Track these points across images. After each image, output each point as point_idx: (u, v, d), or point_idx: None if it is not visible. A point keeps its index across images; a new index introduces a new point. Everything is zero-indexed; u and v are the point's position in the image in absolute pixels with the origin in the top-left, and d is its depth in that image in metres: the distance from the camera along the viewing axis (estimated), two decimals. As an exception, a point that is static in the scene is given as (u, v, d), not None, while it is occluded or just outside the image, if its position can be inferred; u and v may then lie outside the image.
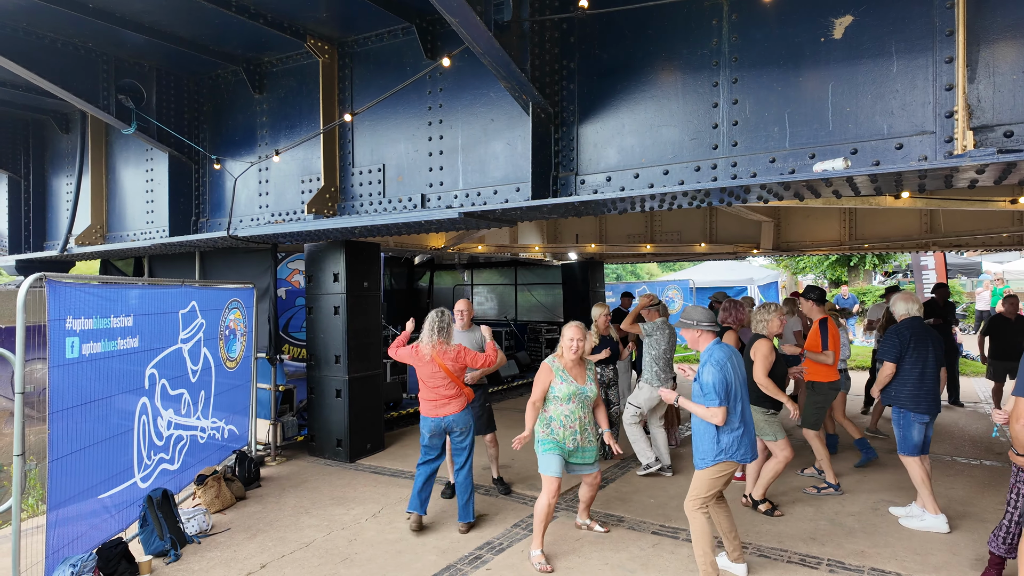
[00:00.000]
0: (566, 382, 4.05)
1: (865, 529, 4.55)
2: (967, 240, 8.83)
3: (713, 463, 3.56)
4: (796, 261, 20.99)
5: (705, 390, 3.51)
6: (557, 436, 4.06)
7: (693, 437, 3.71)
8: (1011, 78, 3.06)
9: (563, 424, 4.06)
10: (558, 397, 4.04)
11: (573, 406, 4.06)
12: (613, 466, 6.06)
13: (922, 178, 3.20)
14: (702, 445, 3.61)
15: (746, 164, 3.78)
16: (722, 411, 3.46)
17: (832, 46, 3.51)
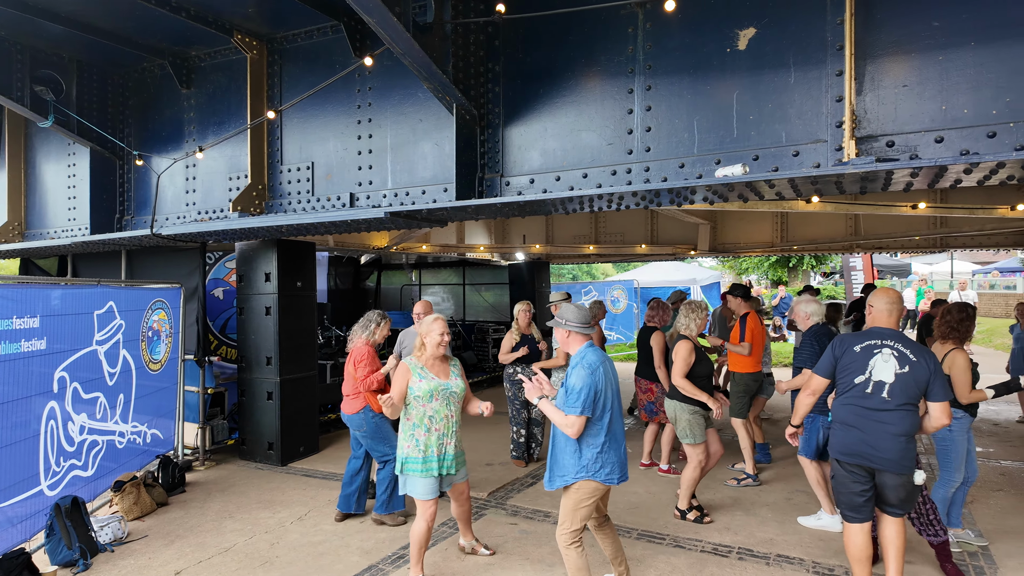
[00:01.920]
0: (425, 379, 3.62)
1: (778, 519, 4.77)
2: (887, 242, 9.31)
3: (573, 480, 3.17)
4: (740, 262, 21.68)
5: (569, 395, 3.14)
6: (422, 447, 3.60)
7: (551, 451, 3.31)
8: (893, 91, 3.27)
9: (427, 428, 3.61)
10: (419, 397, 3.59)
11: (437, 404, 3.62)
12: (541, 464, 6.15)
13: (814, 184, 3.39)
14: (562, 459, 3.21)
15: (658, 169, 3.91)
16: (580, 421, 3.08)
17: (737, 56, 3.67)
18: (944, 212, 6.97)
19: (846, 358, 3.33)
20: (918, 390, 3.16)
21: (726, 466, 6.00)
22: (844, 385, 3.32)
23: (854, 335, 3.38)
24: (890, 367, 3.19)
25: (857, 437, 3.24)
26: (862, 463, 3.23)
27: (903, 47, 3.25)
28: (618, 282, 15.31)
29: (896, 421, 3.16)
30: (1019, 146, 2.97)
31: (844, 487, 3.32)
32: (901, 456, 3.15)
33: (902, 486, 3.21)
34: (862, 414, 3.23)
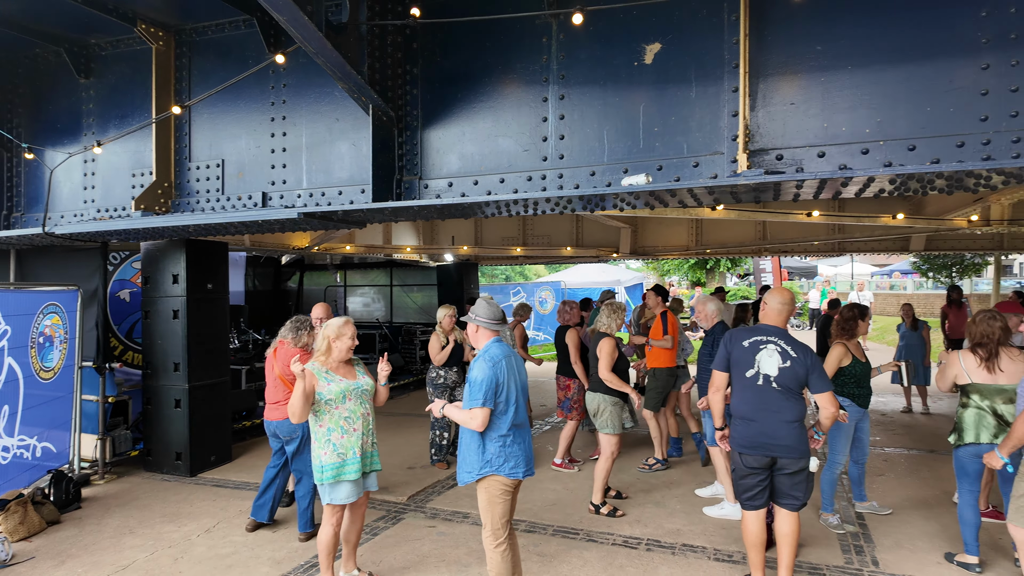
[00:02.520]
0: (333, 381, 3.55)
1: (686, 510, 5.01)
2: (791, 246, 9.98)
3: (478, 476, 3.19)
4: (662, 264, 22.52)
5: (471, 388, 3.16)
6: (341, 450, 3.51)
7: (459, 447, 3.33)
8: (782, 108, 3.52)
9: (344, 430, 3.53)
10: (331, 400, 3.52)
11: (352, 404, 3.57)
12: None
13: (712, 193, 3.60)
14: (467, 456, 3.24)
15: (571, 176, 4.03)
16: (483, 413, 3.10)
17: (644, 70, 3.84)
18: (836, 219, 7.54)
19: (736, 353, 3.57)
20: (798, 383, 3.43)
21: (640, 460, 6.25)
22: (737, 379, 3.56)
23: (742, 331, 3.63)
24: (774, 362, 3.45)
25: (756, 429, 3.47)
26: (763, 453, 3.46)
27: (791, 67, 3.51)
28: (546, 283, 15.57)
29: (787, 409, 3.42)
30: (887, 163, 3.28)
31: (743, 477, 3.55)
32: (796, 441, 3.41)
33: (798, 472, 3.46)
34: (758, 406, 3.47)
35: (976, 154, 3.11)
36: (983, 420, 3.84)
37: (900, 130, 3.27)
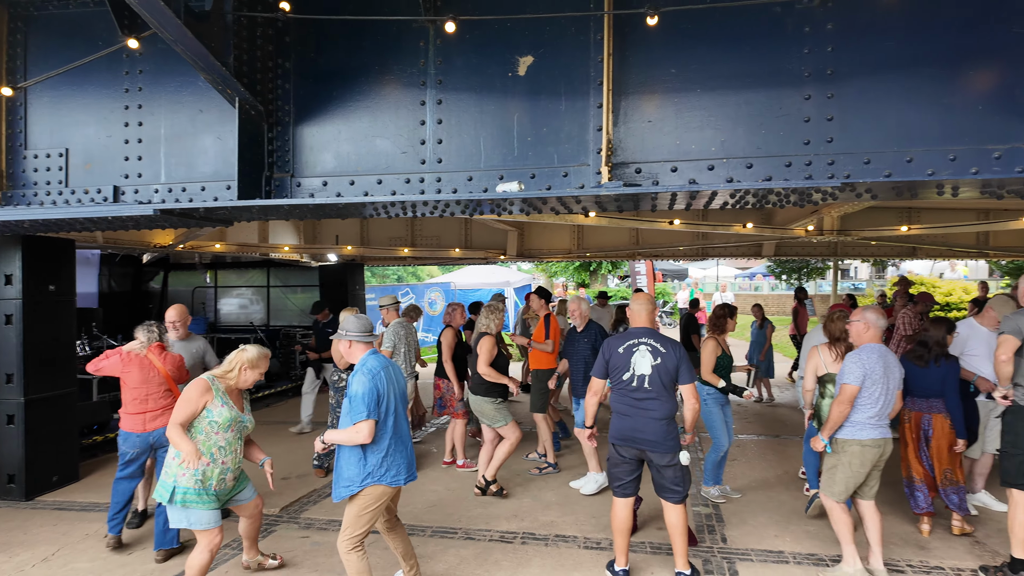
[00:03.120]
0: (227, 406, 3.44)
1: (560, 501, 5.25)
2: (661, 251, 10.71)
3: (360, 488, 3.18)
4: (550, 266, 23.24)
5: (352, 403, 3.15)
6: (202, 477, 3.34)
7: (336, 463, 3.30)
8: (640, 125, 3.80)
9: (214, 458, 3.40)
10: (216, 423, 3.41)
11: (231, 435, 3.47)
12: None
13: (579, 202, 3.82)
14: (347, 470, 3.21)
15: (449, 180, 4.09)
16: (368, 425, 3.11)
17: (517, 81, 3.98)
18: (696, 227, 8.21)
19: (614, 359, 3.85)
20: (670, 377, 3.75)
21: (520, 456, 6.44)
22: (616, 382, 3.85)
23: (617, 338, 3.92)
24: (647, 361, 3.75)
25: (629, 424, 3.77)
26: (633, 446, 3.76)
27: (649, 87, 3.80)
28: (435, 284, 15.53)
29: (656, 407, 3.72)
30: (729, 178, 3.65)
31: (616, 467, 3.85)
32: (663, 437, 3.70)
33: (669, 466, 3.74)
34: (632, 404, 3.77)
35: (800, 173, 3.54)
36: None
37: (740, 149, 3.64)
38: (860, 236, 8.24)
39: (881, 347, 3.84)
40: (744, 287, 29.93)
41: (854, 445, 3.79)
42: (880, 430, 3.78)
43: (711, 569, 4.04)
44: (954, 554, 4.22)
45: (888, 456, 3.87)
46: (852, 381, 3.74)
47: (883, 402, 3.76)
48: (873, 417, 3.76)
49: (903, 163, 3.41)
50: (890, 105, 3.44)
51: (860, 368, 3.73)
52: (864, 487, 3.92)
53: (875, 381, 3.71)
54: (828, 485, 3.91)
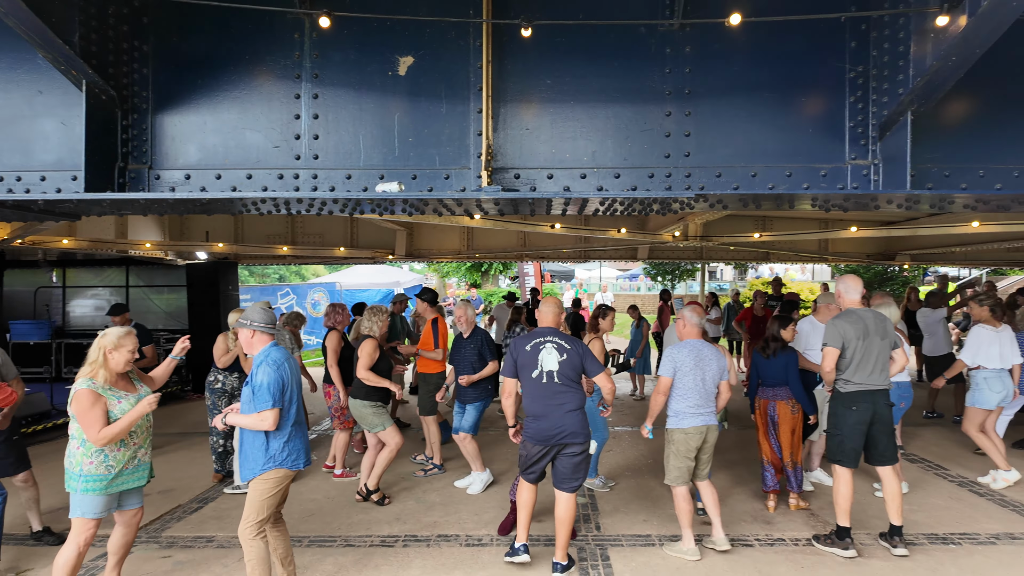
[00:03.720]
0: (123, 398, 3.40)
1: (444, 502, 5.27)
2: (548, 253, 11.07)
3: (262, 471, 3.35)
4: (442, 266, 23.17)
5: (258, 392, 3.31)
6: (112, 462, 3.35)
7: (239, 448, 3.48)
8: (519, 132, 3.92)
9: (124, 443, 3.39)
10: (120, 418, 3.35)
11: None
12: (211, 488, 5.71)
13: (460, 205, 3.87)
14: (250, 454, 3.38)
15: (326, 178, 3.98)
16: (273, 413, 3.30)
17: (398, 81, 3.96)
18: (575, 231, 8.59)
19: (521, 358, 3.97)
20: (576, 372, 3.92)
21: (407, 459, 6.40)
22: (526, 380, 3.94)
23: (524, 338, 4.03)
24: (553, 357, 3.90)
25: (547, 424, 3.88)
26: (554, 443, 3.88)
27: (527, 96, 3.93)
28: (320, 284, 14.94)
29: (568, 400, 3.88)
30: (599, 187, 3.87)
31: (529, 460, 3.98)
32: (580, 427, 3.89)
33: (579, 454, 3.91)
34: (545, 402, 3.89)
35: (661, 184, 3.83)
36: None
37: (609, 160, 3.87)
38: (720, 242, 9.02)
39: (696, 342, 4.26)
40: (625, 287, 31.64)
41: (678, 433, 4.21)
42: (701, 418, 4.19)
43: (585, 556, 4.25)
44: (793, 526, 4.75)
45: (713, 441, 4.27)
46: (664, 373, 4.21)
47: (699, 392, 4.17)
48: (692, 406, 4.17)
49: (749, 177, 3.80)
50: (738, 124, 3.81)
51: (671, 362, 4.20)
52: (697, 470, 4.32)
53: (686, 373, 4.15)
54: (667, 472, 4.30)
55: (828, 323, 4.32)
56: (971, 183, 3.70)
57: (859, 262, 11.13)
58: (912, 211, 4.12)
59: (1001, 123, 3.70)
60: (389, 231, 10.69)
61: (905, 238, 9.63)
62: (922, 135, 3.58)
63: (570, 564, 3.99)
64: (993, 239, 8.25)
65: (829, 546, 4.30)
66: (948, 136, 3.73)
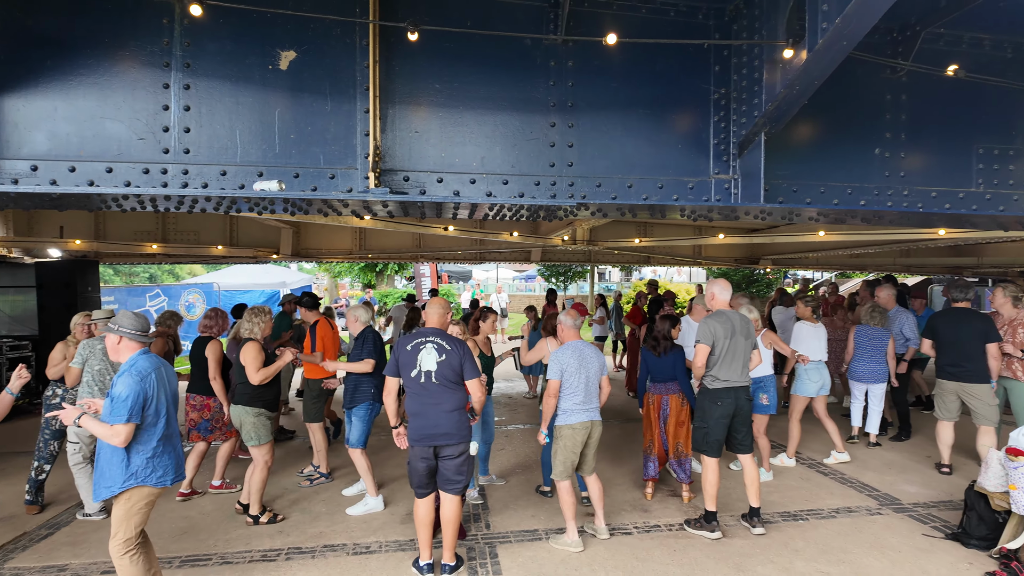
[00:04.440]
0: None
1: (330, 512, 5.12)
2: (443, 254, 11.05)
3: (121, 489, 3.17)
4: (334, 266, 22.37)
5: (115, 404, 3.11)
6: None
7: (96, 462, 3.26)
8: (408, 134, 3.91)
9: None
10: None
11: None
12: (64, 511, 5.16)
13: (347, 206, 3.79)
14: (109, 470, 3.18)
15: (198, 173, 3.74)
16: (127, 429, 3.11)
17: (279, 75, 3.80)
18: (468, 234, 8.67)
19: (403, 357, 3.93)
20: (455, 373, 3.92)
21: (295, 471, 6.14)
22: (406, 380, 3.91)
23: (407, 337, 3.99)
24: (432, 358, 3.89)
25: (423, 423, 3.87)
26: (430, 443, 3.86)
27: (416, 99, 3.93)
28: (196, 285, 13.90)
29: (446, 400, 3.88)
30: (488, 192, 3.95)
31: (415, 468, 3.92)
32: (456, 428, 3.88)
33: (460, 456, 3.91)
34: (423, 402, 3.87)
35: (546, 192, 3.98)
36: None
37: (498, 166, 3.96)
38: (605, 246, 9.47)
39: (578, 343, 4.48)
40: (521, 288, 32.26)
41: (566, 430, 4.41)
42: (587, 414, 4.40)
43: (474, 555, 4.31)
44: (668, 513, 5.10)
45: (598, 436, 4.49)
46: (553, 376, 4.39)
47: (583, 390, 4.38)
48: (578, 404, 4.38)
49: (625, 188, 4.04)
50: (616, 138, 4.04)
51: (557, 364, 4.39)
52: (583, 464, 4.55)
53: (572, 373, 4.36)
54: (554, 467, 4.48)
55: (701, 322, 4.68)
56: (814, 198, 4.17)
57: (729, 265, 12.13)
58: (768, 221, 4.57)
59: (836, 146, 4.21)
60: (274, 229, 10.19)
61: (766, 244, 10.63)
62: (774, 154, 4.00)
63: (458, 564, 4.03)
64: (837, 246, 9.32)
65: (698, 529, 4.66)
66: (796, 156, 4.18)
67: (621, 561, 4.23)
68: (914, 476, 5.92)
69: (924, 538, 4.57)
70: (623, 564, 4.18)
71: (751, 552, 4.36)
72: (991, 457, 4.36)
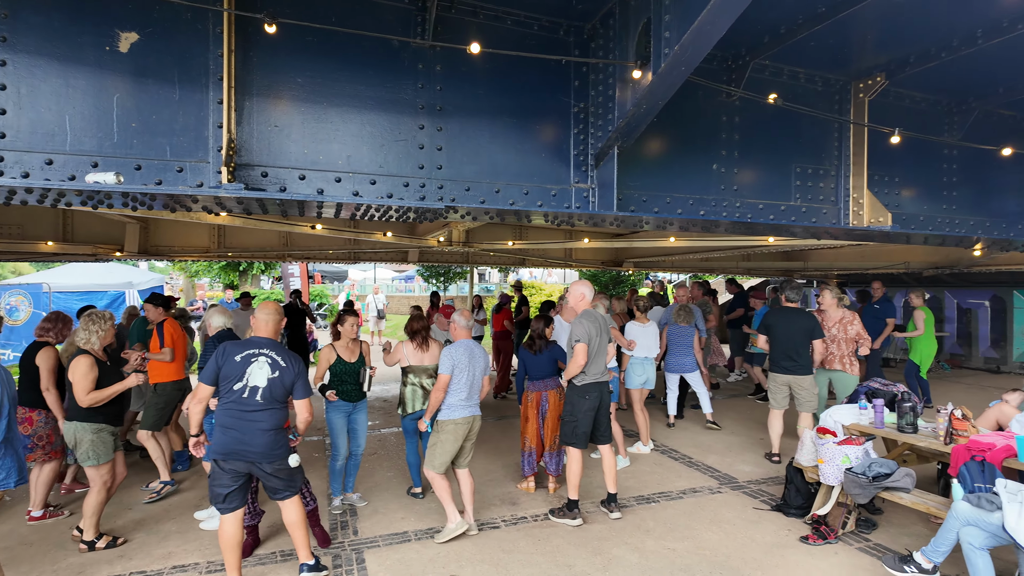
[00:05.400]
0: None
1: (181, 530, 4.75)
2: (313, 254, 10.61)
3: None
4: (190, 265, 20.63)
5: None
6: None
7: None
8: (267, 129, 3.75)
9: None
10: None
11: None
12: None
13: (197, 201, 3.56)
14: None
15: (17, 162, 3.32)
16: None
17: (119, 58, 3.48)
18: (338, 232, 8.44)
19: (227, 367, 3.65)
20: (285, 391, 3.74)
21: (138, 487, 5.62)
22: (225, 391, 3.64)
23: (235, 345, 3.74)
24: (264, 373, 3.67)
25: (234, 437, 3.60)
26: (239, 459, 3.61)
27: (276, 92, 3.77)
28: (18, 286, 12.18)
29: (265, 419, 3.66)
30: (355, 192, 3.89)
31: (218, 483, 3.64)
32: (270, 448, 3.66)
33: (277, 472, 3.72)
34: (240, 416, 3.62)
35: (416, 194, 4.00)
36: (416, 394, 5.08)
37: (365, 166, 3.92)
38: (481, 248, 9.64)
39: (468, 342, 4.67)
40: (401, 288, 31.75)
41: (450, 424, 4.55)
42: (469, 410, 4.62)
43: (340, 563, 4.22)
44: (535, 505, 5.32)
45: (477, 430, 4.71)
46: (445, 371, 4.53)
47: (468, 387, 4.60)
48: (463, 399, 4.59)
49: (493, 193, 4.17)
50: (484, 144, 4.16)
51: (450, 360, 4.54)
52: (459, 458, 4.71)
53: (462, 370, 4.54)
54: (430, 460, 4.56)
55: (575, 321, 4.90)
56: (661, 208, 4.57)
57: (596, 267, 12.83)
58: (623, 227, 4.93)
59: (681, 161, 4.65)
60: (118, 223, 9.22)
61: (628, 249, 11.39)
62: (626, 166, 4.33)
63: (317, 564, 3.91)
64: (687, 251, 10.21)
65: (561, 517, 4.91)
66: (646, 169, 4.56)
67: (488, 555, 4.35)
68: (749, 456, 6.66)
69: (754, 511, 5.16)
70: (490, 557, 4.31)
71: (608, 536, 4.68)
72: (805, 437, 5.03)
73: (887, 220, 5.00)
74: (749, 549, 4.46)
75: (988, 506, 3.53)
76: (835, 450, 4.56)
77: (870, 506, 4.98)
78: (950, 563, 4.03)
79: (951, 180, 5.67)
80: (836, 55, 4.66)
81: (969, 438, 4.23)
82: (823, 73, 5.00)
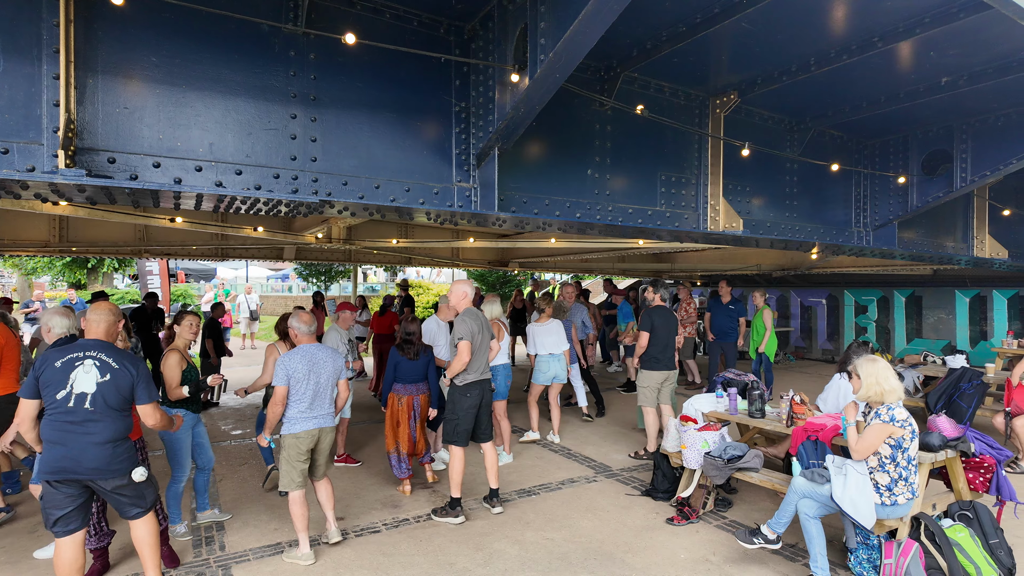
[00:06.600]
0: None
1: (13, 560, 4.18)
2: (175, 249, 9.76)
3: None
4: (26, 261, 18.16)
5: None
6: None
7: None
8: (116, 110, 3.39)
9: None
10: None
11: None
12: None
13: (25, 188, 3.15)
14: None
15: None
16: None
17: (-78, 18, 2.99)
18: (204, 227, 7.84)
19: (47, 375, 3.25)
20: (121, 397, 3.34)
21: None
22: (48, 402, 3.24)
23: (57, 350, 3.33)
24: (91, 377, 3.28)
25: (61, 453, 3.21)
26: (70, 478, 3.22)
27: (126, 71, 3.42)
28: None
29: (100, 431, 3.26)
30: (218, 182, 3.62)
31: (53, 504, 3.24)
32: (108, 463, 3.28)
33: (121, 489, 3.36)
34: (66, 429, 3.22)
35: (287, 187, 3.81)
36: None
37: (230, 155, 3.66)
38: (363, 245, 9.38)
39: (310, 346, 4.28)
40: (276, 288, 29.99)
41: (290, 439, 4.17)
42: (313, 421, 4.19)
43: (203, 582, 3.92)
44: (418, 505, 5.26)
45: (329, 441, 4.34)
46: (279, 383, 4.11)
47: (311, 396, 4.17)
48: (304, 411, 4.16)
49: (373, 189, 4.07)
50: (363, 138, 4.05)
51: (283, 370, 4.12)
52: (314, 470, 4.35)
53: (300, 380, 4.13)
54: (281, 480, 4.21)
55: (458, 320, 4.88)
56: (541, 209, 4.71)
57: (484, 267, 12.96)
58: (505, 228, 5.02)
59: (560, 165, 4.82)
60: (-71, 213, 7.93)
61: (512, 249, 11.63)
62: (507, 167, 4.41)
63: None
64: (568, 252, 10.61)
65: (444, 516, 4.91)
66: (527, 171, 4.67)
67: (368, 560, 4.24)
68: (623, 446, 7.05)
69: (626, 497, 5.47)
70: (369, 562, 4.21)
71: (490, 531, 4.74)
72: (670, 424, 5.42)
73: (739, 225, 5.51)
74: (621, 533, 4.72)
75: (819, 480, 4.00)
76: (696, 436, 4.95)
77: (726, 486, 5.46)
78: (791, 533, 4.52)
79: (792, 191, 6.36)
80: (696, 72, 5.05)
81: (806, 420, 4.77)
82: (685, 88, 5.40)
